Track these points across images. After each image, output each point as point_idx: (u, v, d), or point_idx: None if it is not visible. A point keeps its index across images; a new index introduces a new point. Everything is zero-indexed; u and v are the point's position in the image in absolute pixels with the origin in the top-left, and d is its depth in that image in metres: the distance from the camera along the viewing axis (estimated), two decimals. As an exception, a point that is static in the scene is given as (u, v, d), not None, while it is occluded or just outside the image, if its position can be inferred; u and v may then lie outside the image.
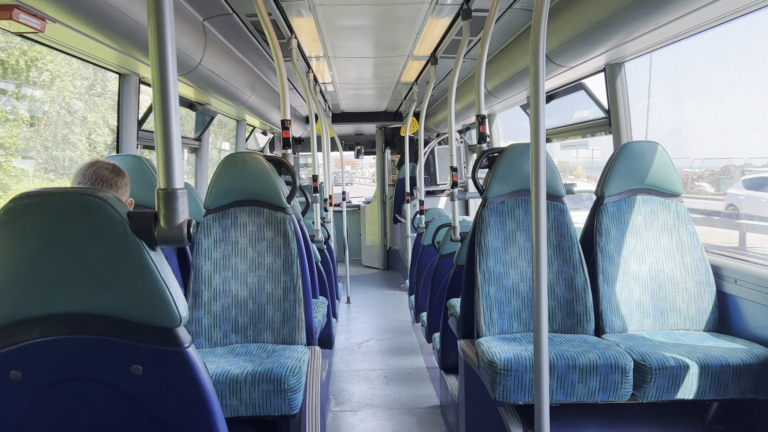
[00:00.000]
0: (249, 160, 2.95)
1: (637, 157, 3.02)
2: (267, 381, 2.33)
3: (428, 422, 4.06)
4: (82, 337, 1.28)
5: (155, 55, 1.25)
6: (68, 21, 2.40)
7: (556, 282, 2.94)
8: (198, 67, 3.66)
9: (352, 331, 6.60)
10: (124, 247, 1.25)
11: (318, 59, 5.60)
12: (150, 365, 1.29)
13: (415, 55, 5.44)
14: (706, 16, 2.62)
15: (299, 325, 2.85)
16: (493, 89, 4.88)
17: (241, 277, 2.90)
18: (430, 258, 5.54)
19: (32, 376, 1.28)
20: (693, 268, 2.92)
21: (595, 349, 2.51)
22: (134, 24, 2.66)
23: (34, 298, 1.26)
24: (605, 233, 2.99)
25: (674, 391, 2.39)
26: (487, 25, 3.23)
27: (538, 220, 1.99)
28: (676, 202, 3.03)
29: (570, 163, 9.73)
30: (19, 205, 1.25)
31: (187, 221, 1.28)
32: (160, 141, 1.26)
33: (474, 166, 3.26)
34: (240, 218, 2.96)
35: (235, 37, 4.40)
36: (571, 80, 4.26)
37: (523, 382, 2.43)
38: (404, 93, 7.94)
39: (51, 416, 1.32)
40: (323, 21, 4.18)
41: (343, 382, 4.93)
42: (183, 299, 1.32)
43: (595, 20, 2.87)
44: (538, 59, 1.94)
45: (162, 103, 1.26)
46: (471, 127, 8.09)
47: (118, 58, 3.21)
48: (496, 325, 2.91)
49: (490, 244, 2.98)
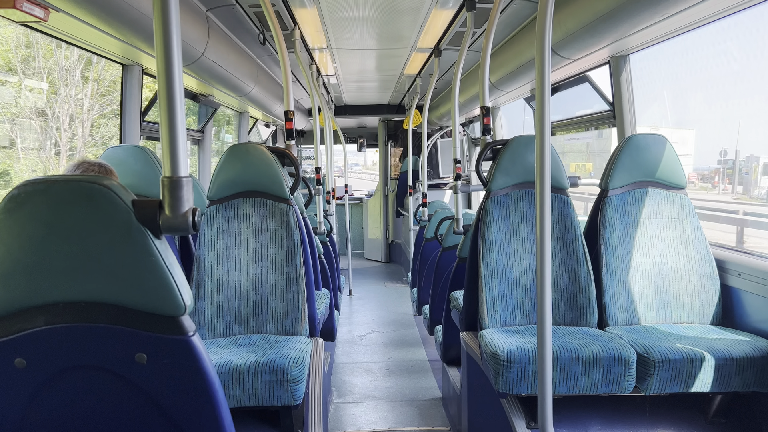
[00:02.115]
0: (252, 151, 2.95)
1: (642, 150, 3.01)
2: (270, 371, 2.33)
3: (430, 414, 4.07)
4: (86, 325, 1.28)
5: (161, 43, 1.25)
6: (72, 10, 2.39)
7: (560, 274, 2.93)
8: (201, 58, 3.65)
9: (354, 324, 6.62)
10: (128, 236, 1.25)
11: (321, 51, 5.58)
12: (154, 354, 1.29)
13: (419, 47, 5.41)
14: (713, 8, 2.60)
15: (302, 316, 2.85)
16: (497, 81, 4.86)
17: (244, 268, 2.90)
18: (433, 251, 5.54)
19: (37, 364, 1.29)
20: (697, 261, 2.91)
21: (599, 341, 2.51)
22: (138, 14, 2.65)
23: (38, 286, 1.26)
24: (609, 226, 2.98)
25: (677, 384, 2.39)
26: (492, 16, 3.22)
27: (542, 212, 1.99)
28: (680, 195, 3.02)
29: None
30: (23, 193, 1.25)
31: (192, 209, 1.27)
32: (165, 129, 1.26)
33: (478, 157, 3.26)
34: (243, 209, 2.95)
35: (239, 28, 4.39)
36: (576, 73, 4.24)
37: (526, 374, 2.43)
38: (407, 85, 7.91)
39: (55, 404, 1.32)
40: (327, 12, 4.16)
41: (345, 374, 4.94)
42: (188, 288, 1.32)
43: (600, 12, 2.85)
44: (543, 51, 1.93)
45: (167, 92, 1.25)
46: (474, 120, 8.07)
47: (122, 49, 3.20)
48: (499, 317, 2.91)
49: (494, 237, 2.98)
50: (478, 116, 7.56)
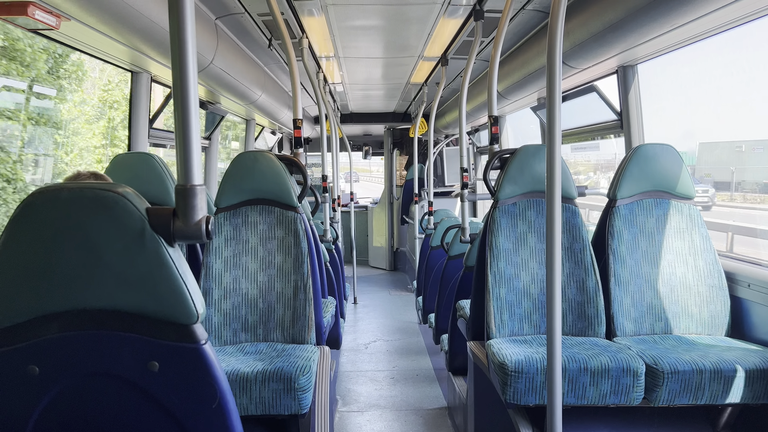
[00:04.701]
0: (260, 159, 2.95)
1: (650, 160, 3.00)
2: (277, 380, 2.33)
3: (435, 424, 4.05)
4: (99, 332, 1.28)
5: (176, 52, 1.25)
6: (83, 18, 2.41)
7: (568, 284, 2.92)
8: (210, 66, 3.67)
9: (359, 332, 6.60)
10: (142, 243, 1.25)
11: (328, 59, 5.60)
12: (167, 361, 1.29)
13: (426, 55, 5.43)
14: (723, 18, 2.60)
15: (309, 324, 2.85)
16: (504, 90, 4.86)
17: (251, 275, 2.90)
18: (438, 259, 5.53)
19: (49, 371, 1.28)
20: (705, 271, 2.90)
21: (607, 352, 2.49)
22: (147, 22, 2.67)
23: (51, 293, 1.26)
24: (617, 236, 2.97)
25: (686, 396, 2.37)
26: (501, 25, 3.22)
27: (552, 222, 1.98)
28: (689, 205, 3.00)
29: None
30: (38, 200, 1.25)
31: (205, 218, 1.27)
32: (179, 138, 1.26)
33: (486, 166, 3.25)
34: (251, 217, 2.96)
35: (247, 37, 4.41)
36: (583, 82, 4.24)
37: (534, 385, 2.41)
38: (413, 94, 7.93)
39: (67, 411, 1.32)
40: (334, 21, 4.18)
41: (350, 382, 4.92)
42: (200, 296, 1.32)
43: (609, 21, 2.85)
44: (554, 61, 1.93)
45: (182, 100, 1.26)
46: (480, 129, 8.08)
47: (131, 56, 3.22)
48: (506, 327, 2.90)
49: (501, 246, 2.97)
50: (483, 125, 7.56)
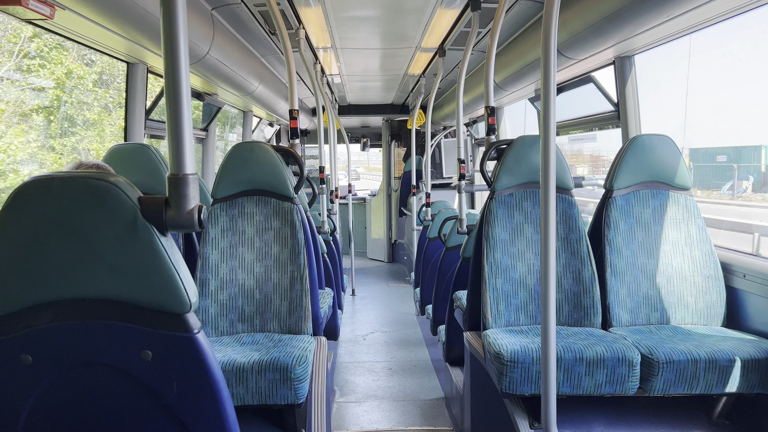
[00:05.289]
0: (257, 150, 2.95)
1: (647, 151, 3.00)
2: (273, 370, 2.33)
3: (432, 414, 4.07)
4: (92, 322, 1.28)
5: (168, 41, 1.25)
6: (77, 8, 2.40)
7: (564, 275, 2.93)
8: (206, 57, 3.65)
9: (357, 323, 6.62)
10: (134, 232, 1.25)
11: (325, 50, 5.58)
12: (160, 350, 1.29)
13: (423, 46, 5.41)
14: (718, 9, 2.59)
15: (305, 315, 2.85)
16: (501, 82, 4.85)
17: (248, 266, 2.91)
18: (436, 251, 5.54)
19: (42, 360, 1.29)
20: (701, 262, 2.91)
21: (603, 342, 2.50)
22: (143, 12, 2.65)
23: (44, 283, 1.26)
24: (613, 226, 2.97)
25: (681, 385, 2.39)
26: (497, 16, 3.21)
27: (547, 212, 1.98)
28: (685, 196, 3.01)
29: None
30: (29, 190, 1.25)
31: (197, 207, 1.27)
32: (171, 127, 1.26)
33: (482, 157, 3.25)
34: (247, 208, 2.96)
35: (243, 27, 4.39)
36: (580, 73, 4.23)
37: (529, 374, 2.42)
38: (411, 85, 7.91)
39: (60, 400, 1.32)
40: (331, 11, 4.16)
41: (348, 373, 4.94)
42: (193, 285, 1.32)
43: (606, 12, 2.84)
44: (549, 51, 1.93)
45: (174, 90, 1.25)
46: (477, 120, 8.07)
47: (127, 47, 3.21)
48: (502, 317, 2.90)
49: (498, 236, 2.97)
50: (481, 116, 7.55)
